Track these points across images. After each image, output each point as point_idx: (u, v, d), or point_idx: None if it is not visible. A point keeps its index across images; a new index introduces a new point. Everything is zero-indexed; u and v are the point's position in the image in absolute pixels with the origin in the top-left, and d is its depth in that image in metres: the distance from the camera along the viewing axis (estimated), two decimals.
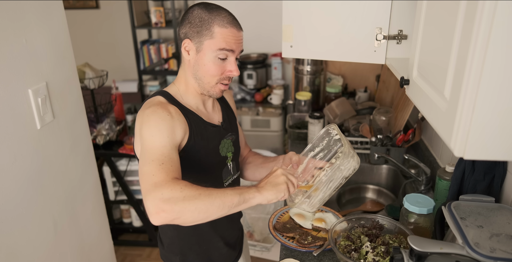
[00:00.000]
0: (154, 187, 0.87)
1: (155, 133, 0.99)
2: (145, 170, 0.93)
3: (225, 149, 1.21)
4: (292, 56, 1.47)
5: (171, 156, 0.97)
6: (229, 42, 1.06)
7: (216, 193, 0.89)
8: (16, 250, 1.21)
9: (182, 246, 1.23)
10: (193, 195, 0.86)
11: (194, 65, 1.10)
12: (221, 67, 1.09)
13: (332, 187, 1.07)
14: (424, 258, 0.84)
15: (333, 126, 1.21)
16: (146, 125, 1.01)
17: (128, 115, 2.72)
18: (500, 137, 0.67)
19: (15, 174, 1.20)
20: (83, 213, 1.59)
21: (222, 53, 1.07)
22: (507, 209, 0.95)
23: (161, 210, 0.84)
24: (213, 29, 1.05)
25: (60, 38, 1.43)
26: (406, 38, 1.24)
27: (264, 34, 3.45)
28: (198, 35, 1.06)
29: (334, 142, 1.24)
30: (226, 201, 0.89)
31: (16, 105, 1.20)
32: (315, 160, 1.25)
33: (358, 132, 1.99)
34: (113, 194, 2.71)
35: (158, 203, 0.84)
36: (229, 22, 1.07)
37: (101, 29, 3.82)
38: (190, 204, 0.85)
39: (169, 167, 0.93)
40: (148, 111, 1.03)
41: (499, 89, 0.64)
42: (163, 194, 0.85)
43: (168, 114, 1.03)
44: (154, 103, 1.07)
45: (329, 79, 2.59)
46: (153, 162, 0.93)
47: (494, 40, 0.61)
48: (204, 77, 1.10)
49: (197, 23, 1.06)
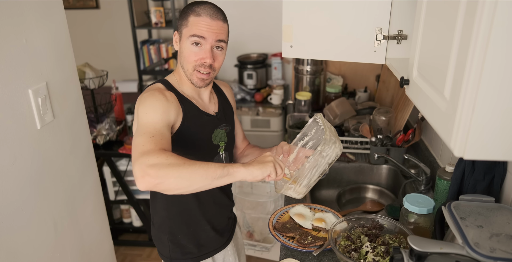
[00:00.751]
0: (142, 154, 0.92)
1: (149, 111, 1.07)
2: (137, 141, 0.99)
3: (218, 138, 1.27)
4: (292, 56, 1.47)
5: (162, 131, 1.03)
6: (200, 30, 1.12)
7: (200, 163, 0.93)
8: (16, 250, 1.21)
9: (171, 225, 1.30)
10: (178, 163, 0.91)
11: (179, 55, 1.19)
12: (195, 54, 1.15)
13: (316, 173, 1.10)
14: (424, 258, 0.84)
15: (319, 116, 1.25)
16: (142, 106, 1.09)
17: (128, 115, 2.71)
18: (500, 137, 0.67)
19: (15, 174, 1.20)
20: (83, 213, 1.59)
21: (193, 39, 1.13)
22: (507, 209, 0.95)
23: (146, 174, 0.88)
24: (189, 18, 1.14)
25: (60, 38, 1.43)
26: (406, 38, 1.24)
27: (264, 34, 3.45)
28: (180, 26, 1.17)
29: (322, 130, 1.25)
30: (210, 171, 0.92)
31: (16, 105, 1.20)
32: (305, 149, 1.30)
33: (358, 131, 1.99)
34: (113, 194, 2.71)
35: (144, 168, 0.89)
36: (204, 12, 1.13)
37: (101, 29, 3.82)
38: (174, 170, 0.89)
39: (158, 139, 0.99)
40: (145, 95, 1.12)
41: (499, 89, 0.64)
42: (149, 160, 0.90)
43: (163, 97, 1.11)
44: (153, 88, 1.16)
45: (329, 79, 2.59)
46: (144, 134, 1.00)
47: (494, 40, 0.61)
48: (184, 65, 1.18)
49: (181, 15, 1.16)
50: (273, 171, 0.99)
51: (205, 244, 1.33)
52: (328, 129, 1.14)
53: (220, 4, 1.16)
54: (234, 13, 3.42)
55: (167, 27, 3.28)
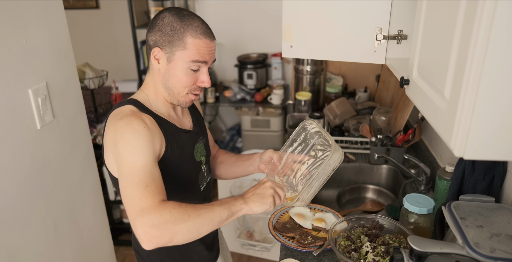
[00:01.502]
0: (142, 213, 0.87)
1: (133, 151, 0.94)
2: (130, 193, 0.91)
3: (199, 153, 1.19)
4: (292, 56, 1.47)
5: (153, 175, 0.94)
6: (203, 54, 1.03)
7: (205, 211, 0.90)
8: (16, 250, 1.21)
9: (162, 255, 1.20)
10: (183, 217, 0.87)
11: (165, 75, 1.06)
12: (193, 78, 1.06)
13: (322, 180, 1.13)
14: (424, 258, 0.84)
15: (311, 121, 1.27)
16: (122, 142, 0.96)
17: None
18: (500, 137, 0.67)
19: (15, 174, 1.20)
20: (83, 213, 1.59)
21: (195, 64, 1.04)
22: (507, 209, 0.95)
23: (153, 237, 0.85)
24: (186, 40, 1.01)
25: (60, 38, 1.43)
26: (406, 38, 1.24)
27: (264, 34, 3.45)
28: (169, 45, 1.02)
29: (311, 135, 1.27)
30: (215, 218, 0.91)
31: (16, 105, 1.20)
32: (293, 154, 1.28)
33: (358, 131, 1.99)
34: (113, 194, 2.71)
35: (148, 229, 0.85)
36: (202, 32, 1.02)
37: (101, 29, 3.82)
38: (181, 227, 0.86)
39: (153, 188, 0.91)
40: (121, 124, 0.97)
41: (499, 89, 0.64)
42: (153, 220, 0.85)
43: (144, 127, 0.97)
44: (126, 113, 1.00)
45: (329, 79, 2.59)
46: (136, 186, 0.91)
47: (494, 40, 0.61)
48: (175, 87, 1.07)
49: (169, 32, 1.01)
50: (272, 205, 1.00)
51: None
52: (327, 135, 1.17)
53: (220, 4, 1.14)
54: (234, 13, 3.42)
55: None
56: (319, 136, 1.25)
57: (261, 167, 1.28)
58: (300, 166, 1.25)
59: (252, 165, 1.30)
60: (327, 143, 1.20)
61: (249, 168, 1.32)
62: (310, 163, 1.23)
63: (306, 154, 1.27)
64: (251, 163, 1.30)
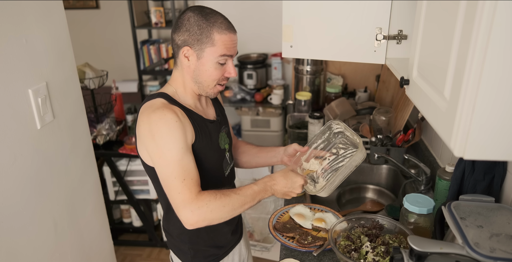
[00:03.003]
0: (184, 204, 1.04)
1: (170, 146, 1.06)
2: (170, 187, 1.06)
3: (223, 141, 1.28)
4: (292, 56, 1.47)
5: (189, 168, 1.07)
6: (229, 48, 1.11)
7: (237, 201, 1.08)
8: (16, 250, 1.21)
9: (191, 235, 1.29)
10: (218, 207, 1.05)
11: (195, 70, 1.14)
12: (221, 71, 1.15)
13: (346, 173, 1.25)
14: (424, 258, 0.84)
15: (337, 122, 1.36)
16: (158, 136, 1.06)
17: (128, 115, 2.71)
18: (500, 137, 0.67)
19: (15, 174, 1.20)
20: (83, 213, 1.59)
21: (223, 58, 1.12)
22: (507, 209, 0.95)
23: (195, 222, 1.04)
24: (213, 37, 1.09)
25: (60, 38, 1.43)
26: (406, 38, 1.24)
27: (264, 34, 3.45)
28: (198, 43, 1.10)
29: (334, 134, 1.38)
30: (246, 206, 1.10)
31: (16, 105, 1.20)
32: (316, 150, 1.38)
33: (358, 131, 1.98)
34: (113, 194, 2.71)
35: (190, 217, 1.04)
36: (226, 27, 1.10)
37: (101, 29, 3.82)
38: (217, 214, 1.05)
39: (190, 181, 1.06)
40: (155, 117, 1.06)
41: (499, 89, 0.64)
42: (192, 211, 1.03)
43: (176, 120, 1.07)
44: (158, 105, 1.09)
45: (329, 79, 2.59)
46: (176, 180, 1.05)
47: (494, 40, 0.61)
48: (205, 81, 1.15)
49: (196, 31, 1.09)
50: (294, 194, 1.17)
51: (224, 245, 1.35)
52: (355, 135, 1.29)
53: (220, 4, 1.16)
54: (234, 13, 3.42)
55: (167, 27, 3.28)
56: (341, 135, 1.36)
57: (284, 159, 1.38)
58: (321, 161, 1.34)
59: (276, 157, 1.40)
60: (349, 142, 1.33)
61: (272, 159, 1.41)
62: (332, 159, 1.33)
63: (328, 151, 1.37)
64: (275, 155, 1.40)
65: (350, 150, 1.31)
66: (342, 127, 1.35)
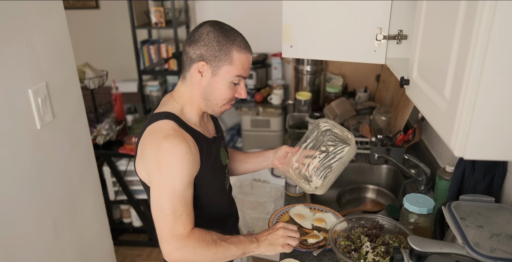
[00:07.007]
0: (172, 239, 1.02)
1: (176, 179, 1.02)
2: (164, 219, 1.03)
3: (223, 157, 1.25)
4: (292, 56, 1.47)
5: (188, 203, 1.05)
6: (246, 69, 1.10)
7: (222, 249, 1.06)
8: (16, 250, 1.21)
9: None
10: (202, 252, 1.04)
11: (206, 87, 1.09)
12: (233, 91, 1.11)
13: (341, 170, 1.27)
14: (424, 258, 0.84)
15: (325, 120, 1.36)
16: (166, 166, 1.01)
17: (128, 115, 2.71)
18: (500, 137, 0.67)
19: (15, 174, 1.20)
20: (83, 213, 1.59)
21: (238, 79, 1.09)
22: (507, 209, 0.95)
23: (175, 259, 1.03)
24: (232, 55, 1.05)
25: (60, 38, 1.43)
26: (406, 38, 1.24)
27: (264, 34, 3.45)
28: (216, 60, 1.05)
29: (322, 133, 1.39)
30: (229, 256, 1.07)
31: (16, 105, 1.20)
32: (306, 149, 1.38)
33: (358, 131, 1.98)
34: (113, 194, 2.71)
35: (173, 253, 1.03)
36: (245, 47, 1.08)
37: (101, 29, 3.82)
38: (199, 257, 1.04)
39: (186, 217, 1.04)
40: (167, 146, 1.00)
41: (499, 89, 0.64)
42: (178, 248, 1.02)
43: (188, 152, 1.02)
44: (169, 132, 1.03)
45: (329, 79, 2.59)
46: (172, 214, 1.02)
47: (494, 40, 0.61)
48: (215, 99, 1.11)
49: (215, 47, 1.04)
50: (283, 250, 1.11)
51: None
52: (345, 131, 1.29)
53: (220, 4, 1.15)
54: (234, 13, 3.42)
55: (167, 27, 3.28)
56: (330, 133, 1.37)
57: (275, 162, 1.37)
58: (311, 160, 1.35)
59: (265, 161, 1.39)
60: (338, 139, 1.34)
61: (262, 163, 1.40)
62: (322, 157, 1.34)
63: (317, 150, 1.37)
64: (264, 159, 1.39)
65: (340, 146, 1.32)
66: (329, 125, 1.35)
